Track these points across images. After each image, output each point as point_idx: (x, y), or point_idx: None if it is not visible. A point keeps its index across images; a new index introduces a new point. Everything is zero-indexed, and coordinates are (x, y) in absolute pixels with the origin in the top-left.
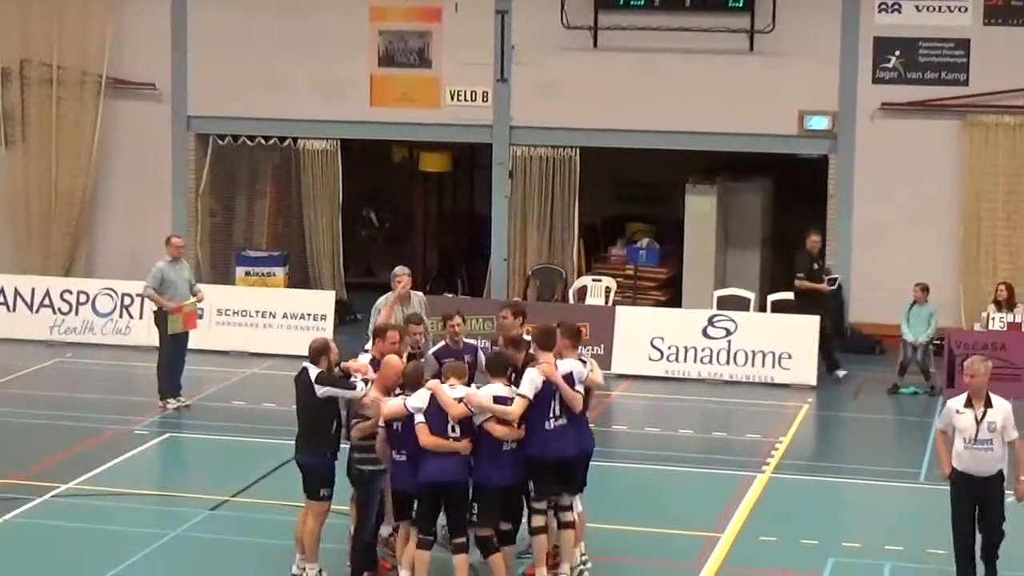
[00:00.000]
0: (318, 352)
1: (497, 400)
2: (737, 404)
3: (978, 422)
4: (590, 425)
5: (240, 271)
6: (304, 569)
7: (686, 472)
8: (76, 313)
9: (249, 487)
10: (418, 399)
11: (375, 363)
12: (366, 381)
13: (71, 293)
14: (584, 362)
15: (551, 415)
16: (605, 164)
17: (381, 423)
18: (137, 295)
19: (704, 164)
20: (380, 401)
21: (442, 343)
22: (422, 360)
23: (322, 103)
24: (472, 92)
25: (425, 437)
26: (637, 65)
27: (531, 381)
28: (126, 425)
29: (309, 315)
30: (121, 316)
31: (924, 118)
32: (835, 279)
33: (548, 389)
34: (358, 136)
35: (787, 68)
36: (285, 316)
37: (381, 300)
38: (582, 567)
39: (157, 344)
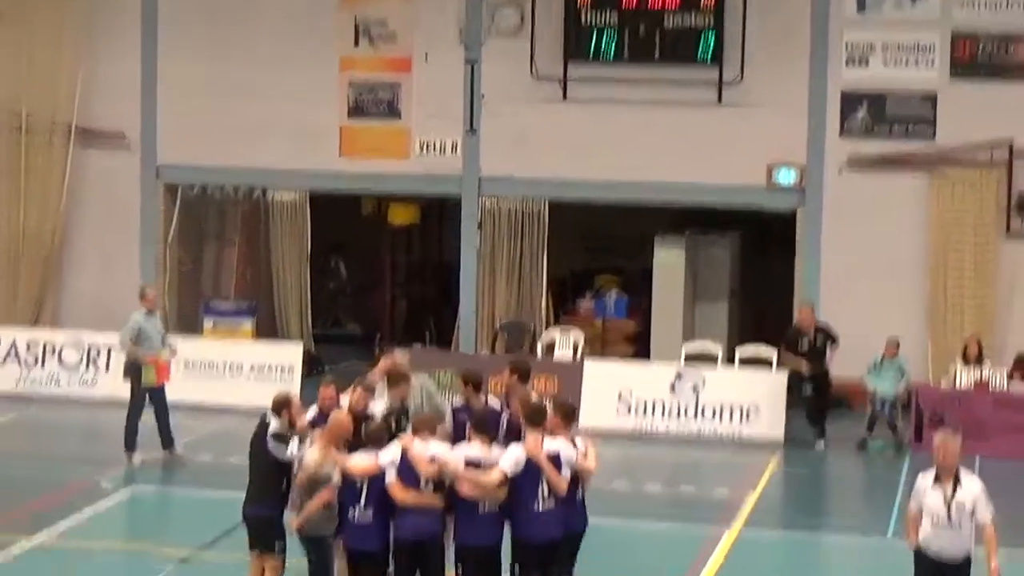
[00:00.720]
0: (279, 405)
1: (469, 462)
2: (705, 459)
3: (947, 503)
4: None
5: (208, 322)
6: None
7: (654, 527)
8: (42, 366)
9: (216, 541)
10: (390, 454)
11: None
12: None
13: (37, 345)
14: (576, 445)
15: (539, 496)
16: (574, 216)
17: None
18: (104, 345)
19: (673, 216)
20: (341, 459)
21: (463, 400)
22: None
23: (291, 154)
24: (442, 143)
25: (399, 492)
26: (606, 116)
27: (514, 458)
28: (92, 478)
29: (276, 367)
30: (87, 368)
31: (891, 172)
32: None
33: (533, 469)
34: (327, 187)
35: (755, 121)
36: (252, 368)
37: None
38: None
39: (129, 396)
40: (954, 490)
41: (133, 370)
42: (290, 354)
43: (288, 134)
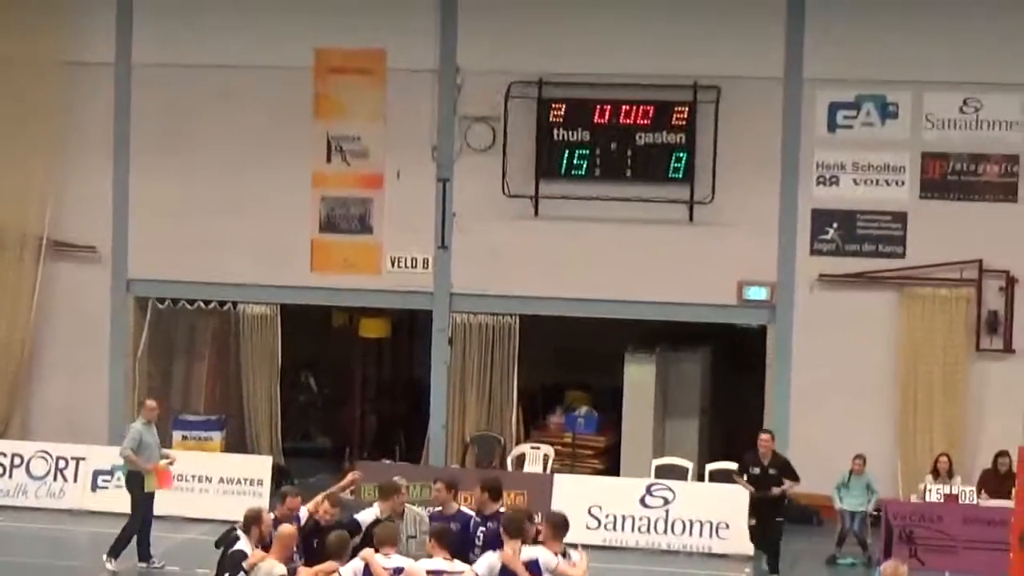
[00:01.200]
0: (249, 522)
1: (430, 574)
2: (675, 573)
3: None
4: None
5: (177, 435)
6: None
7: None
8: (10, 476)
9: None
10: (352, 567)
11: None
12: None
13: (5, 455)
14: (565, 554)
15: None
16: (545, 331)
17: None
18: (72, 457)
19: (643, 332)
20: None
21: (438, 508)
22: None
23: (262, 268)
24: (413, 259)
25: None
26: (578, 234)
27: (487, 564)
28: None
29: (246, 480)
30: (55, 479)
31: (862, 289)
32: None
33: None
34: (298, 301)
35: (726, 238)
36: (222, 481)
37: None
38: None
39: (130, 507)
40: None
41: (134, 479)
42: (259, 467)
43: (259, 248)
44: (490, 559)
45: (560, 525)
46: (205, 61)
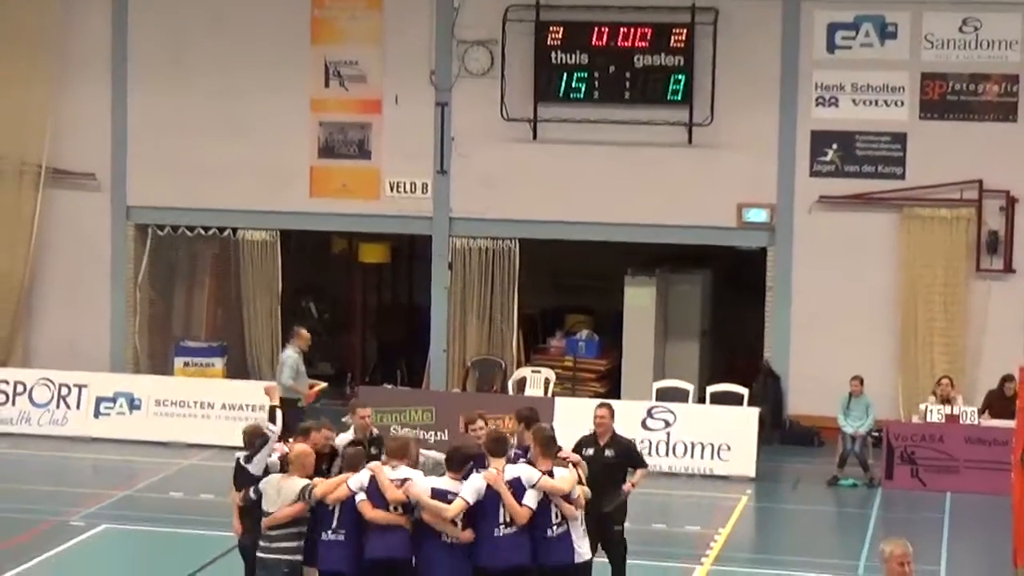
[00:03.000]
0: (252, 436)
1: (435, 493)
2: (676, 496)
3: None
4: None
5: (179, 361)
6: None
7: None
8: (12, 403)
9: None
10: (360, 479)
11: None
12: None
13: (7, 383)
14: (551, 473)
15: (499, 522)
16: (544, 255)
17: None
18: (75, 384)
19: (643, 256)
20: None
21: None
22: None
23: (262, 194)
24: (412, 184)
25: (369, 511)
26: (576, 157)
27: (472, 486)
28: (62, 516)
29: (248, 406)
30: (58, 407)
31: (861, 211)
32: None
33: (493, 495)
34: (297, 227)
35: (725, 161)
36: (224, 407)
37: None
38: None
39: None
40: None
41: (289, 404)
42: (261, 393)
43: (258, 174)
44: (475, 481)
45: (547, 442)
46: None
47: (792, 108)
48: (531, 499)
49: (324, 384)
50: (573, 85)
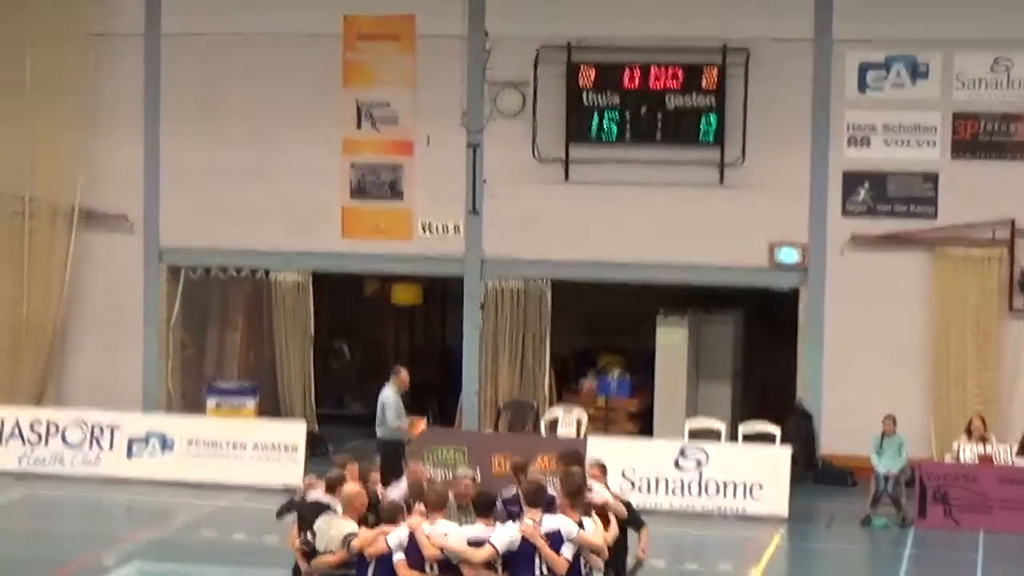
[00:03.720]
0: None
1: (471, 543)
2: (708, 535)
3: None
4: None
5: (211, 402)
6: None
7: None
8: (46, 444)
9: None
10: (398, 536)
11: None
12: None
13: (41, 424)
14: (581, 524)
15: (535, 573)
16: (576, 296)
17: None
18: (107, 425)
19: (675, 295)
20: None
21: (514, 490)
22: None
23: (294, 235)
24: (444, 225)
25: (404, 572)
26: (608, 198)
27: (507, 536)
28: (94, 556)
29: (280, 446)
30: (91, 447)
31: (893, 251)
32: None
33: (529, 548)
34: (330, 268)
35: (757, 201)
36: (256, 447)
37: None
38: None
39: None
40: None
41: (390, 447)
42: (294, 433)
43: (290, 215)
44: (510, 531)
45: (575, 493)
46: (233, 29)
47: (824, 148)
48: (568, 551)
49: (424, 420)
50: (605, 126)
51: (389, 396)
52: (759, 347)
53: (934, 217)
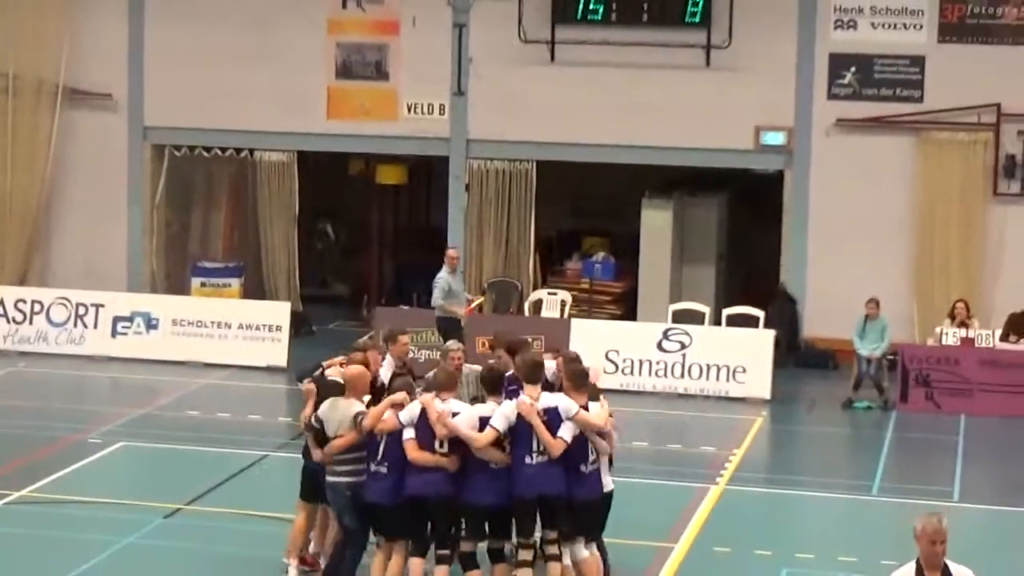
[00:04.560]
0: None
1: (482, 421)
2: (691, 417)
3: None
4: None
5: (195, 282)
6: None
7: (640, 484)
8: (30, 322)
9: (202, 496)
10: (411, 412)
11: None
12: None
13: (25, 303)
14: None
15: (532, 450)
16: (561, 178)
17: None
18: (92, 304)
19: (660, 178)
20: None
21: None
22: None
23: (279, 115)
24: (429, 105)
25: (413, 452)
26: (594, 79)
27: (502, 414)
28: (80, 434)
29: (264, 326)
30: (75, 326)
31: (879, 134)
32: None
33: (527, 425)
34: (315, 148)
35: (743, 84)
36: (240, 327)
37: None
38: None
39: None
40: None
41: (445, 323)
42: (278, 313)
43: (275, 96)
44: (505, 409)
45: (578, 376)
46: None
47: (810, 31)
48: (567, 432)
49: (480, 298)
50: (591, 7)
51: (439, 277)
52: (744, 230)
53: (920, 101)
